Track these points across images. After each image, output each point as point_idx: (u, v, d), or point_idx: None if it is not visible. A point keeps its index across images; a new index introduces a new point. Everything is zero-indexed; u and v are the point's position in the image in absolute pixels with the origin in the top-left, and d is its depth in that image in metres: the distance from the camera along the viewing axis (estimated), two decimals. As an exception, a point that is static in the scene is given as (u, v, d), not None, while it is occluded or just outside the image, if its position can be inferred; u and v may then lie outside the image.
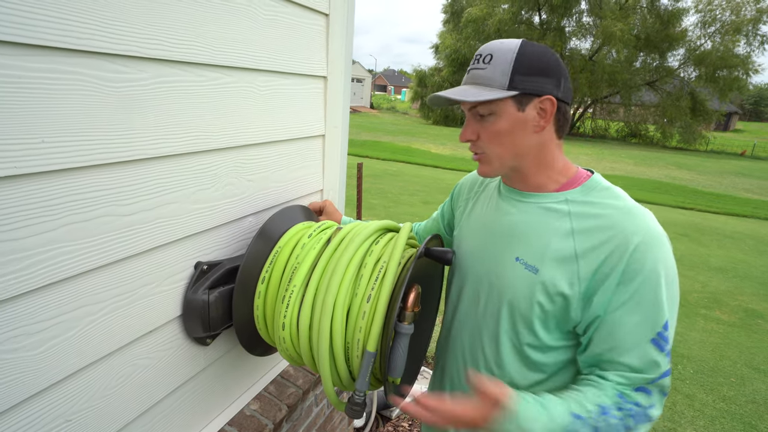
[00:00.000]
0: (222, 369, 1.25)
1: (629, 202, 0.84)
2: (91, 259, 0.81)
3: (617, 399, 0.79)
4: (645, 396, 0.79)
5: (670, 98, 25.14)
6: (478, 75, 0.86)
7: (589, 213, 0.84)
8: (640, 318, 0.78)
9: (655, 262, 0.77)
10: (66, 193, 0.75)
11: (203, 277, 1.08)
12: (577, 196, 0.87)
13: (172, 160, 0.95)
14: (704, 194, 11.80)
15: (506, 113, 0.84)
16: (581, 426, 0.76)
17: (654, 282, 0.77)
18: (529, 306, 0.87)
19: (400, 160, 13.48)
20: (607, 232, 0.80)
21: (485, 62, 0.85)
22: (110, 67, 0.78)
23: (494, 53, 0.84)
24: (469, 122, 0.90)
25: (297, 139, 1.38)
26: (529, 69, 0.82)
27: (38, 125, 0.69)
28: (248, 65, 1.11)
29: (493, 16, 26.41)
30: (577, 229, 0.83)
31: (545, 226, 0.87)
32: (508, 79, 0.82)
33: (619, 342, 0.79)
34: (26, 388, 0.75)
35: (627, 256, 0.77)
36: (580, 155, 17.76)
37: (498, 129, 0.85)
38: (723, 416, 2.88)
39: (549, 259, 0.84)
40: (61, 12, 0.69)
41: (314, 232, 1.13)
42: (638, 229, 0.79)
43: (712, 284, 5.22)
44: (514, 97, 0.83)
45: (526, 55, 0.82)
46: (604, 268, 0.79)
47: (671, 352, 0.80)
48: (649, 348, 0.78)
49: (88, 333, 0.84)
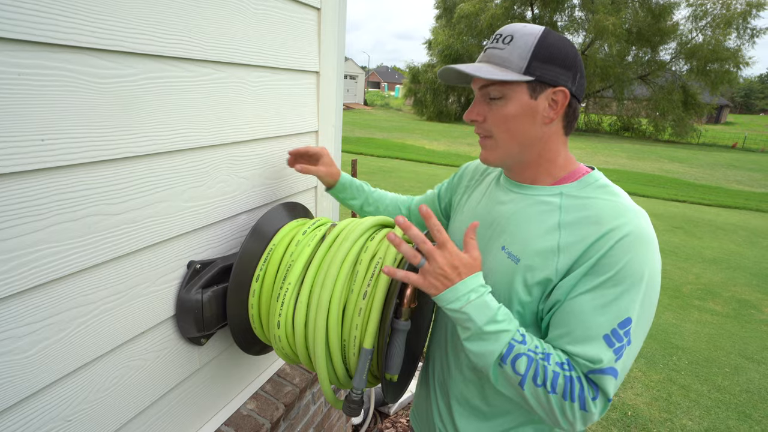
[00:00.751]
0: (217, 369, 1.23)
1: (624, 200, 0.81)
2: (80, 259, 0.79)
3: (562, 358, 0.76)
4: (590, 386, 0.74)
5: (662, 92, 25.28)
6: (495, 54, 0.83)
7: (579, 206, 0.82)
8: (600, 311, 0.74)
9: (635, 261, 0.74)
10: (52, 193, 0.73)
11: (196, 277, 1.06)
12: (571, 191, 0.85)
13: (163, 158, 0.93)
14: (697, 187, 11.88)
15: (518, 98, 0.82)
16: (523, 345, 0.76)
17: (627, 280, 0.73)
18: (508, 294, 0.85)
19: (394, 156, 13.46)
20: (593, 226, 0.77)
21: (504, 42, 0.82)
22: (97, 63, 0.76)
23: (515, 35, 0.81)
24: (478, 102, 0.87)
25: (290, 135, 1.37)
26: (548, 57, 0.80)
27: (21, 123, 0.67)
28: (239, 60, 1.09)
29: (485, 11, 26.40)
30: (564, 223, 0.81)
31: (533, 218, 0.85)
32: (525, 64, 0.79)
33: (572, 329, 0.76)
34: (16, 392, 0.73)
35: (604, 250, 0.75)
36: (574, 150, 17.74)
37: (507, 113, 0.83)
38: (718, 406, 2.90)
39: (531, 250, 0.82)
40: (44, 5, 0.67)
41: (309, 229, 1.12)
42: (625, 226, 0.75)
43: (705, 276, 5.27)
44: (528, 83, 0.81)
45: (548, 42, 0.80)
46: (580, 259, 0.77)
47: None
48: (598, 342, 0.74)
49: (79, 335, 0.82)
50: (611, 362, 0.73)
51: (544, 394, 0.74)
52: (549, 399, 0.74)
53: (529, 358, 0.75)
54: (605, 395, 0.74)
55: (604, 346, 0.73)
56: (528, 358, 0.75)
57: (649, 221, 0.79)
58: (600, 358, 0.73)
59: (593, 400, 0.73)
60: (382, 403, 2.53)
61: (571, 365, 0.75)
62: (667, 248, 6.21)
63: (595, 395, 0.74)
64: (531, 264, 0.82)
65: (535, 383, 0.75)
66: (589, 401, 0.73)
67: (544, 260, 0.80)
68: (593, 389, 0.74)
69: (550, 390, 0.74)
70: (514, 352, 0.76)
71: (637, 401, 2.88)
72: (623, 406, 2.81)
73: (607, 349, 0.73)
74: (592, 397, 0.73)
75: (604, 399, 0.74)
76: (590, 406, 0.73)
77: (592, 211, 0.79)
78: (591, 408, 0.73)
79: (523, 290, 0.83)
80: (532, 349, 0.76)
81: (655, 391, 3.01)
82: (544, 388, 0.74)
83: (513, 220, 0.88)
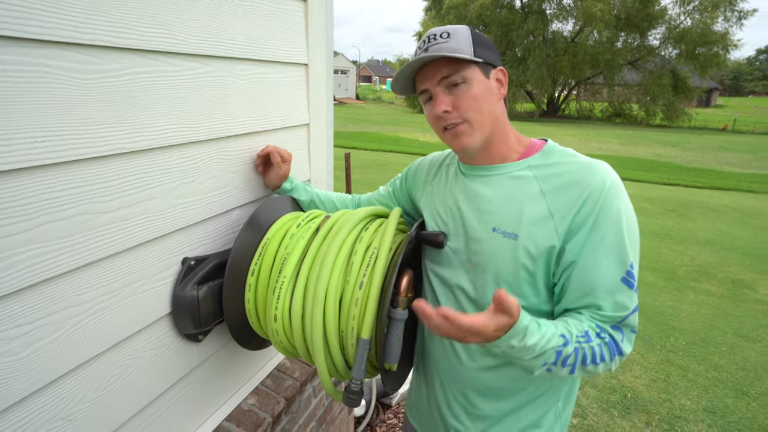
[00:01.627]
0: (217, 365, 1.23)
1: (586, 158, 0.90)
2: (72, 258, 0.78)
3: (595, 328, 0.83)
4: (618, 332, 0.83)
5: (652, 76, 25.35)
6: (442, 47, 0.87)
7: (553, 173, 0.88)
8: (611, 259, 0.82)
9: (618, 206, 0.82)
10: (39, 192, 0.72)
11: (191, 273, 1.05)
12: (538, 161, 0.91)
13: (152, 154, 0.92)
14: (689, 170, 11.96)
15: (478, 79, 0.88)
16: (568, 346, 0.80)
17: (618, 225, 0.82)
18: (514, 272, 0.88)
19: (388, 149, 13.44)
20: (575, 187, 0.84)
21: (443, 38, 0.88)
22: (80, 59, 0.75)
23: (449, 31, 0.89)
24: (440, 96, 0.89)
25: (281, 128, 1.36)
26: (483, 43, 0.90)
27: (4, 121, 0.66)
28: (226, 54, 1.08)
29: (474, 1, 26.30)
30: (546, 190, 0.87)
31: (515, 193, 0.90)
32: (472, 49, 0.87)
33: (595, 286, 0.83)
34: (11, 393, 0.72)
35: (599, 205, 0.82)
36: (566, 137, 17.86)
37: (475, 94, 0.88)
38: (715, 384, 2.94)
39: (526, 223, 0.87)
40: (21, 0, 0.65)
41: (302, 222, 1.12)
42: (602, 179, 0.84)
43: (700, 257, 5.31)
44: (479, 65, 0.88)
45: (477, 33, 0.91)
46: (577, 218, 0.83)
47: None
48: (621, 287, 0.82)
49: (74, 334, 0.81)
50: (635, 302, 0.83)
51: (593, 367, 0.82)
52: (596, 368, 0.82)
53: (575, 350, 0.80)
54: (633, 329, 0.84)
55: (625, 290, 0.82)
56: (575, 351, 0.80)
57: (612, 168, 0.88)
58: (627, 305, 0.82)
59: (622, 342, 0.83)
60: (384, 395, 2.54)
61: (602, 328, 0.83)
62: (661, 231, 6.26)
63: (622, 337, 0.83)
64: (530, 234, 0.86)
65: (584, 365, 0.81)
66: (621, 346, 0.83)
67: (541, 228, 0.85)
68: (619, 333, 0.83)
69: (599, 361, 0.81)
70: (562, 357, 0.79)
71: (636, 383, 2.91)
72: (622, 388, 2.84)
73: (628, 290, 0.82)
74: (621, 339, 0.83)
75: (630, 333, 0.84)
76: (624, 348, 0.83)
77: (568, 175, 0.87)
78: (625, 349, 0.83)
79: (530, 262, 0.87)
80: (576, 341, 0.80)
81: (653, 373, 3.04)
82: (593, 364, 0.81)
83: (496, 202, 0.91)
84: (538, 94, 28.43)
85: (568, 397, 1.01)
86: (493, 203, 0.91)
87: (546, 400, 0.98)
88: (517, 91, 27.35)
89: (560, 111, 29.97)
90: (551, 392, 0.98)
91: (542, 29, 26.19)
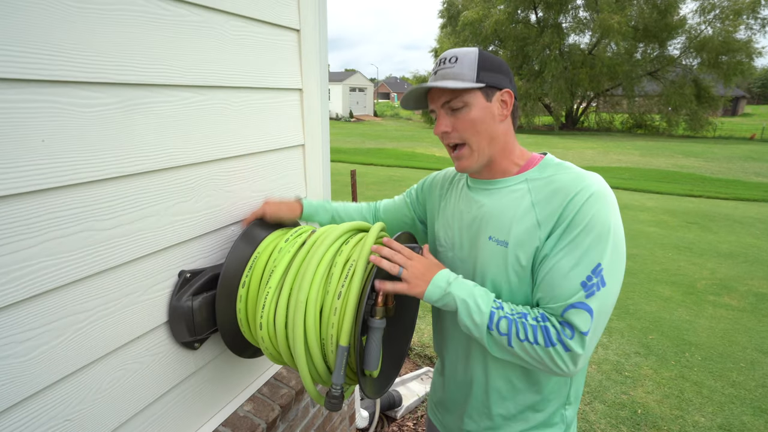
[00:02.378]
0: (214, 372, 1.31)
1: (579, 170, 0.95)
2: (73, 271, 0.88)
3: (536, 313, 0.90)
4: (566, 328, 0.85)
5: (673, 87, 24.94)
6: (447, 73, 0.96)
7: (544, 185, 0.95)
8: (575, 263, 0.86)
9: (600, 214, 0.86)
10: (45, 212, 0.82)
11: (187, 285, 1.14)
12: (535, 174, 0.98)
13: (149, 176, 1.02)
14: (713, 181, 11.65)
15: (477, 103, 0.96)
16: (501, 310, 0.90)
17: (594, 230, 0.85)
18: (507, 278, 0.96)
19: (404, 165, 13.55)
20: (559, 195, 0.91)
21: (451, 62, 0.97)
22: (82, 94, 0.86)
23: (458, 56, 0.97)
24: (442, 117, 1.00)
25: (275, 150, 1.45)
26: (489, 67, 0.96)
27: (15, 150, 0.76)
28: (219, 83, 1.18)
29: (489, 17, 26.53)
30: (536, 201, 0.94)
31: (509, 205, 0.98)
32: (475, 74, 0.94)
33: (554, 284, 0.88)
34: (17, 392, 0.81)
35: (575, 210, 0.87)
36: (585, 149, 17.67)
37: (473, 117, 0.96)
38: (732, 402, 2.86)
39: (515, 232, 0.94)
40: (31, 46, 0.76)
41: (291, 237, 1.19)
42: (586, 187, 0.89)
43: (721, 271, 5.17)
44: (481, 89, 0.95)
45: (485, 56, 0.97)
46: (558, 222, 0.89)
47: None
48: (577, 290, 0.85)
49: (76, 340, 0.90)
50: (581, 298, 0.85)
51: (529, 347, 0.87)
52: (535, 350, 0.86)
53: (508, 319, 0.89)
54: (578, 329, 0.84)
55: (580, 293, 0.85)
56: (507, 320, 0.89)
57: (603, 180, 0.92)
58: (570, 295, 0.85)
59: (571, 339, 0.84)
60: (389, 407, 2.56)
61: (545, 317, 0.88)
62: (681, 244, 6.12)
63: (571, 334, 0.85)
64: (519, 242, 0.93)
65: (519, 338, 0.87)
66: (567, 342, 0.84)
67: (529, 236, 0.92)
68: (568, 329, 0.85)
69: (533, 341, 0.86)
70: (496, 318, 0.89)
71: (647, 399, 2.85)
72: (633, 404, 2.79)
73: (579, 289, 0.85)
74: (569, 336, 0.84)
75: (579, 334, 0.84)
76: (570, 344, 0.84)
77: (556, 184, 0.93)
78: (572, 347, 0.84)
79: (520, 269, 0.94)
80: (509, 312, 0.90)
81: (666, 389, 2.97)
82: (528, 342, 0.86)
83: (494, 213, 1.00)
84: (556, 107, 28.25)
85: (574, 399, 1.07)
86: (491, 214, 1.00)
87: (552, 403, 1.04)
88: (534, 104, 27.27)
89: (579, 123, 29.67)
90: (557, 396, 1.04)
91: (558, 42, 26.17)
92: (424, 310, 3.84)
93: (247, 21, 1.25)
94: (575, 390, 1.07)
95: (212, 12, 1.13)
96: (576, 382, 1.06)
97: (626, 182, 11.01)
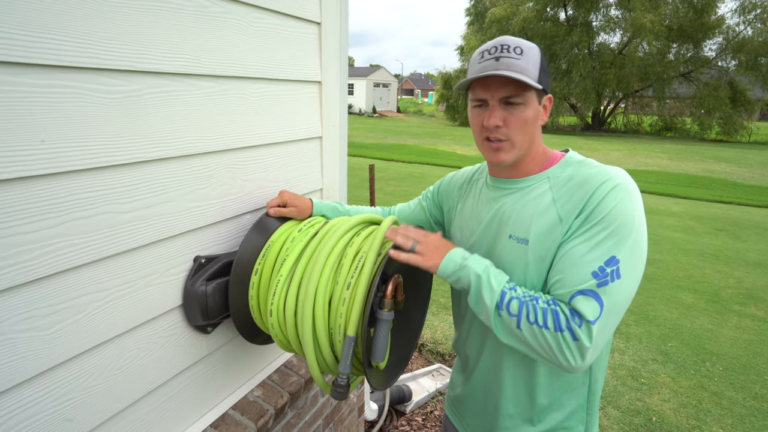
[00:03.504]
0: (225, 357, 1.34)
1: (602, 165, 0.93)
2: (94, 251, 0.91)
3: (547, 297, 0.88)
4: (575, 317, 0.83)
5: (707, 89, 24.12)
6: (514, 63, 0.89)
7: (565, 180, 0.94)
8: (589, 252, 0.85)
9: (621, 206, 0.85)
10: (69, 193, 0.85)
11: (202, 270, 1.17)
12: (556, 172, 0.97)
13: (168, 163, 1.05)
14: (744, 187, 11.24)
15: (533, 104, 0.93)
16: (514, 291, 0.89)
17: (614, 223, 0.84)
18: (524, 274, 0.95)
19: (425, 162, 13.50)
20: (583, 188, 0.89)
21: (517, 53, 0.90)
22: (106, 81, 0.89)
23: (523, 48, 0.91)
24: (496, 110, 0.93)
25: (293, 141, 1.47)
26: (545, 69, 0.94)
27: (42, 133, 0.79)
28: (239, 74, 1.20)
29: (517, 14, 26.13)
30: (557, 197, 0.93)
31: (530, 204, 0.97)
32: (538, 73, 0.91)
33: (566, 272, 0.86)
34: (39, 364, 0.85)
35: (597, 202, 0.86)
36: (611, 152, 17.26)
37: (526, 117, 0.93)
38: (753, 414, 2.77)
39: (535, 230, 0.93)
40: (58, 34, 0.79)
41: (304, 227, 1.21)
42: (611, 180, 0.87)
43: (748, 280, 5.00)
44: (537, 91, 0.93)
45: (543, 57, 0.94)
46: (582, 212, 0.88)
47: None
48: (587, 276, 0.84)
49: (95, 317, 0.94)
50: (591, 286, 0.83)
51: (538, 330, 0.85)
52: (544, 335, 0.84)
53: (520, 301, 0.87)
54: (585, 318, 0.82)
55: (589, 277, 0.83)
56: (519, 301, 0.87)
57: (627, 174, 0.91)
58: (580, 282, 0.84)
59: (580, 328, 0.82)
60: (398, 401, 2.58)
61: (555, 301, 0.86)
62: (707, 251, 5.94)
63: (580, 322, 0.82)
64: (540, 239, 0.92)
65: (529, 321, 0.85)
66: (576, 329, 0.82)
67: (551, 233, 0.91)
68: (577, 317, 0.83)
69: (542, 325, 0.84)
70: (507, 298, 0.88)
71: (663, 407, 2.79)
72: (648, 411, 2.74)
73: (590, 278, 0.83)
74: (578, 324, 0.82)
75: (587, 323, 0.82)
76: (579, 333, 0.82)
77: (579, 178, 0.92)
78: (580, 336, 0.82)
79: (539, 263, 0.93)
80: (521, 295, 0.89)
81: (683, 398, 2.90)
82: (537, 325, 0.85)
83: (514, 211, 0.99)
84: (582, 108, 27.66)
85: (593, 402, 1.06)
86: (512, 212, 0.99)
87: (571, 402, 1.03)
88: (560, 104, 26.76)
89: (606, 125, 28.99)
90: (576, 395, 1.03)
91: (588, 41, 25.58)
92: (437, 306, 3.83)
93: (268, 13, 1.27)
94: (593, 391, 1.05)
95: (234, 3, 1.16)
96: (594, 385, 1.04)
97: (652, 186, 10.71)
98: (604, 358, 1.03)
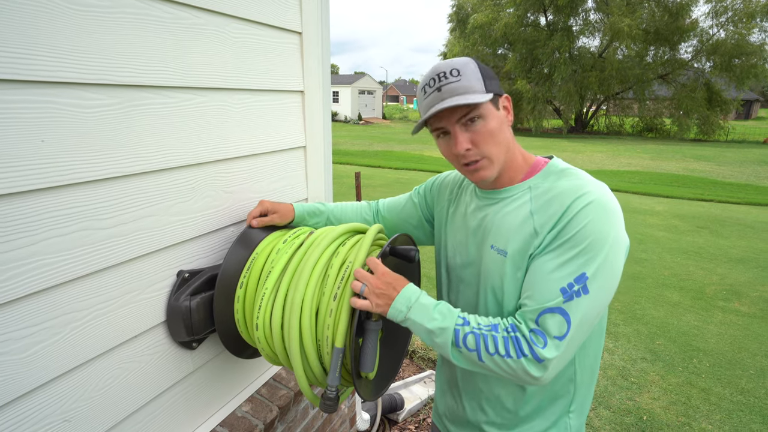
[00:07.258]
0: (212, 372, 1.31)
1: (584, 177, 0.93)
2: (72, 270, 0.89)
3: (507, 324, 0.88)
4: (538, 336, 0.84)
5: (684, 90, 24.66)
6: (455, 87, 0.90)
7: (544, 192, 0.93)
8: (558, 268, 0.84)
9: (593, 224, 0.84)
10: (43, 211, 0.83)
11: (185, 285, 1.15)
12: (538, 182, 0.97)
13: (148, 177, 1.03)
14: (724, 185, 11.49)
15: (491, 113, 0.93)
16: (466, 326, 0.88)
17: (586, 239, 0.83)
18: (501, 284, 0.95)
19: (412, 168, 13.53)
20: (557, 201, 0.89)
21: (454, 76, 0.91)
22: (82, 95, 0.87)
23: (458, 68, 0.91)
24: (459, 134, 0.93)
25: (276, 151, 1.46)
26: (488, 75, 0.94)
27: (15, 150, 0.77)
28: (219, 85, 1.19)
29: (498, 20, 26.48)
30: (535, 209, 0.93)
31: (510, 215, 0.97)
32: (483, 84, 0.91)
33: (534, 288, 0.86)
34: (15, 388, 0.82)
35: (569, 218, 0.85)
36: (594, 153, 17.52)
37: (491, 128, 0.92)
38: (740, 409, 2.81)
39: (513, 241, 0.93)
40: (33, 48, 0.77)
41: (289, 238, 1.20)
42: (586, 196, 0.86)
43: (731, 276, 5.09)
44: (491, 99, 0.92)
45: (482, 65, 0.95)
46: (554, 227, 0.87)
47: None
48: (555, 293, 0.84)
49: (74, 338, 0.91)
50: (559, 303, 0.83)
51: (500, 359, 0.85)
52: (506, 362, 0.85)
53: (476, 335, 0.87)
54: (550, 335, 0.82)
55: (557, 294, 0.83)
56: (474, 335, 0.87)
57: (610, 192, 0.90)
58: (548, 299, 0.84)
59: (543, 348, 0.82)
60: (390, 410, 2.56)
61: (515, 328, 0.86)
62: (690, 249, 6.04)
63: (543, 342, 0.83)
64: (517, 250, 0.92)
65: (489, 352, 0.86)
66: (539, 351, 0.82)
67: (526, 245, 0.91)
68: (540, 338, 0.83)
69: (504, 354, 0.85)
70: (461, 335, 0.88)
71: (653, 405, 2.81)
72: (638, 410, 2.76)
73: (558, 294, 0.83)
74: (542, 345, 0.83)
75: (552, 339, 0.82)
76: (543, 354, 0.82)
77: (556, 191, 0.91)
78: (545, 354, 0.82)
79: (515, 274, 0.93)
80: (476, 327, 0.89)
81: (673, 395, 2.93)
82: (498, 355, 0.85)
83: (495, 222, 0.99)
84: (566, 111, 28.07)
85: (579, 411, 1.05)
86: (493, 223, 0.99)
87: (555, 410, 1.03)
88: (543, 107, 27.11)
89: (589, 127, 29.45)
90: (560, 404, 1.03)
91: (568, 45, 26.02)
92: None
93: (248, 23, 1.26)
94: (579, 400, 1.04)
95: (213, 15, 1.15)
96: (579, 393, 1.03)
97: (635, 186, 10.89)
98: (591, 366, 1.03)
